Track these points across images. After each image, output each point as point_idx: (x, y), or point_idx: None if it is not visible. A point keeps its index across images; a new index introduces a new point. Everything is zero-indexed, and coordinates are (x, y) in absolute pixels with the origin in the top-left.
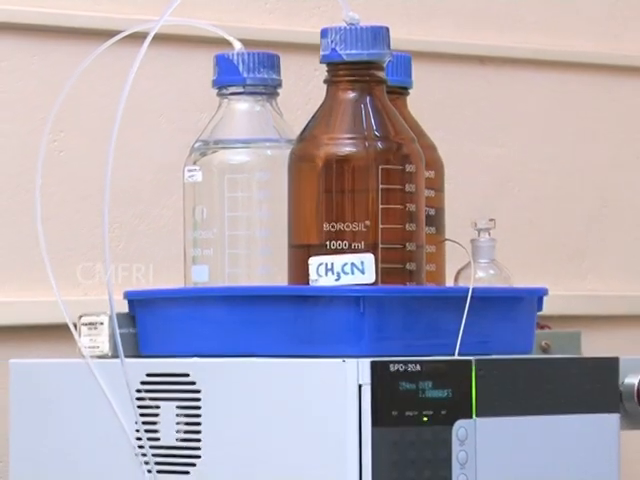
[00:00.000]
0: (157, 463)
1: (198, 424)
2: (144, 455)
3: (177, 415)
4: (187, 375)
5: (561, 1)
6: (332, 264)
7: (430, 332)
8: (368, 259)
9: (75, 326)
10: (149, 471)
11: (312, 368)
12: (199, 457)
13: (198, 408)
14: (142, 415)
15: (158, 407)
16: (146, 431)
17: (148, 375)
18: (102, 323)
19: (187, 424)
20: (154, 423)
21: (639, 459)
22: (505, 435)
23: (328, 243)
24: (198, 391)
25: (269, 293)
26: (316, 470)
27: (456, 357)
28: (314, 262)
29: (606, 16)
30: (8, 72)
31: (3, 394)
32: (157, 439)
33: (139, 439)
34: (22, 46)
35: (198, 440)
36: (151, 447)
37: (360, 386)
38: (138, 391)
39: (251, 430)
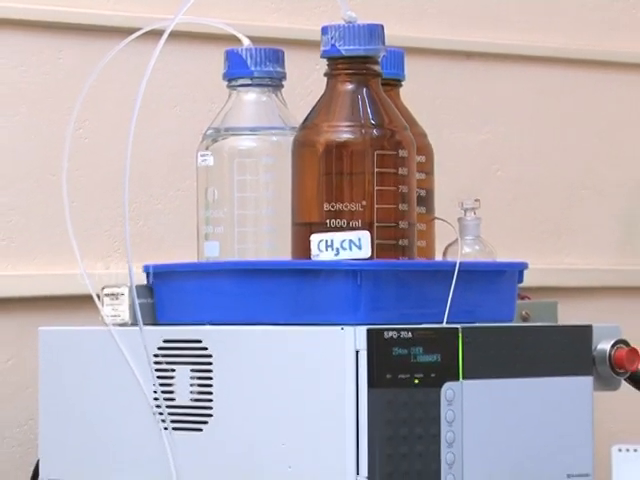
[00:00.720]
0: (173, 421)
1: (210, 386)
2: (161, 414)
3: (191, 378)
4: (200, 341)
5: (540, 2)
6: (332, 240)
7: (421, 302)
8: (364, 236)
9: (98, 297)
10: (165, 428)
11: (313, 335)
12: (211, 416)
13: (210, 371)
14: (159, 377)
15: (173, 370)
16: (163, 392)
17: (164, 341)
18: (123, 294)
19: (200, 386)
20: (170, 385)
21: (610, 418)
22: (489, 396)
23: (328, 221)
24: (210, 356)
25: (274, 267)
26: (317, 427)
27: (444, 325)
28: (315, 239)
29: (581, 16)
30: (37, 66)
31: (33, 359)
32: (173, 399)
33: (156, 399)
34: (50, 42)
35: (210, 400)
36: (167, 407)
37: (357, 351)
38: (155, 356)
39: (258, 391)
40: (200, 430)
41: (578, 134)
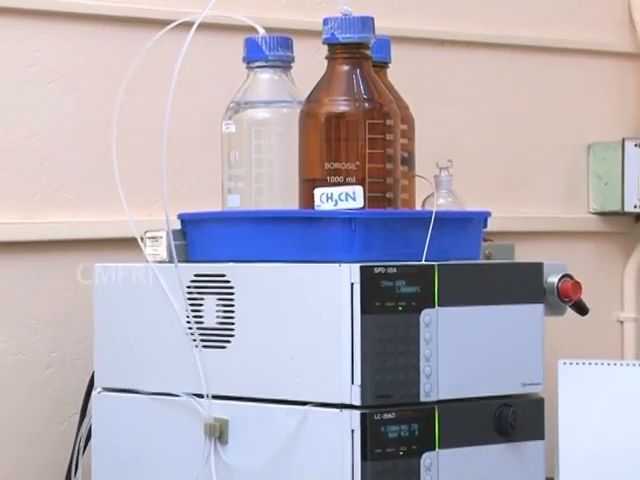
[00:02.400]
0: (202, 340)
1: (232, 312)
2: (192, 334)
3: (217, 305)
4: (224, 275)
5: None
6: (331, 194)
7: (404, 244)
8: (358, 190)
9: (142, 239)
10: (196, 346)
11: (316, 271)
12: (233, 336)
13: (232, 300)
14: (191, 305)
15: (203, 299)
16: (194, 317)
17: (195, 275)
18: (162, 237)
19: (224, 312)
20: (200, 311)
21: (557, 338)
22: (460, 320)
23: (328, 178)
24: (232, 287)
25: (285, 215)
26: (319, 345)
27: (423, 262)
28: (318, 192)
29: (537, 10)
30: (91, 50)
31: (88, 288)
32: (202, 322)
33: (189, 322)
34: (103, 32)
35: (232, 324)
36: (197, 328)
37: (352, 284)
38: (188, 287)
39: (271, 317)
40: (224, 348)
41: (530, 107)
